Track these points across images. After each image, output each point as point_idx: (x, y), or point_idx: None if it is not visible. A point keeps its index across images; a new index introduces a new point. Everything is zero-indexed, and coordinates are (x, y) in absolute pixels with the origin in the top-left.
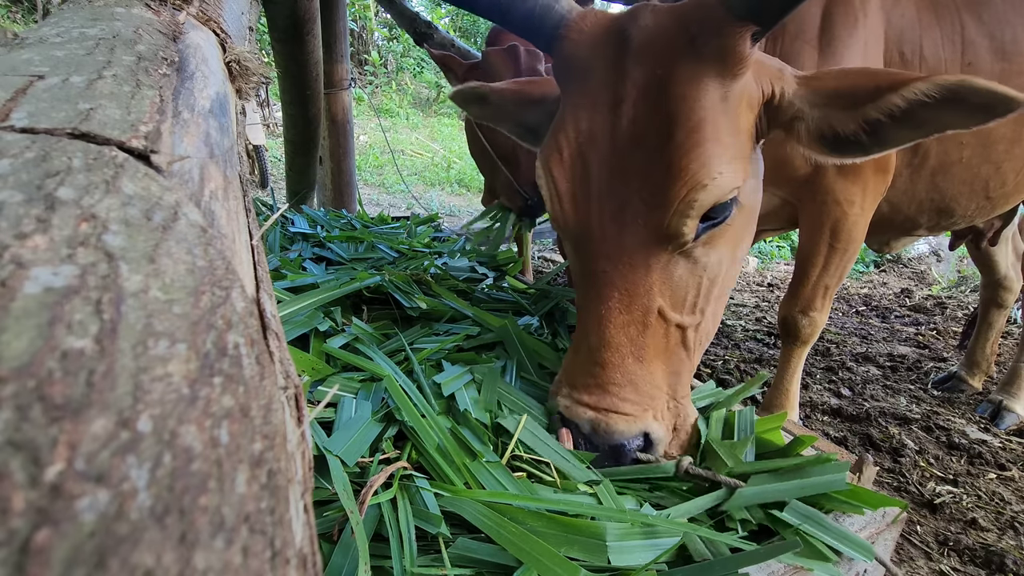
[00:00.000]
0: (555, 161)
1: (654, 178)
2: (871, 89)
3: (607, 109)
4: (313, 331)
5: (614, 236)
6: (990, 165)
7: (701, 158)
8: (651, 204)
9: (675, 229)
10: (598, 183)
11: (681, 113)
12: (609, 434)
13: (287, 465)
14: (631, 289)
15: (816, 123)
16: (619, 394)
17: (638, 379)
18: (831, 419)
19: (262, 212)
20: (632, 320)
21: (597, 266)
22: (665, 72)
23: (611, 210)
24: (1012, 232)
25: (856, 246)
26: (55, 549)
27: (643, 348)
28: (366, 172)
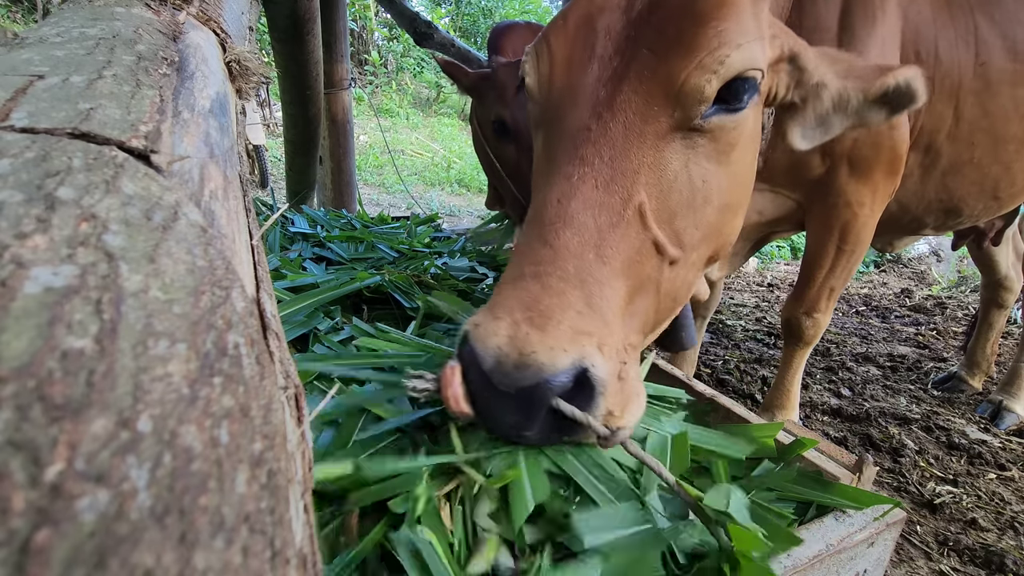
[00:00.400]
0: (555, 28)
1: (673, 31)
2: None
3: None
4: (313, 331)
5: (610, 93)
6: (1000, 165)
7: (736, 15)
8: (666, 54)
9: (694, 85)
10: (604, 46)
11: None
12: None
13: (287, 465)
14: (615, 160)
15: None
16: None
17: (593, 284)
18: (831, 419)
19: (262, 212)
20: (606, 202)
21: (580, 122)
22: None
23: (613, 68)
24: (1013, 232)
25: (863, 248)
26: (55, 549)
27: (609, 245)
28: (366, 172)
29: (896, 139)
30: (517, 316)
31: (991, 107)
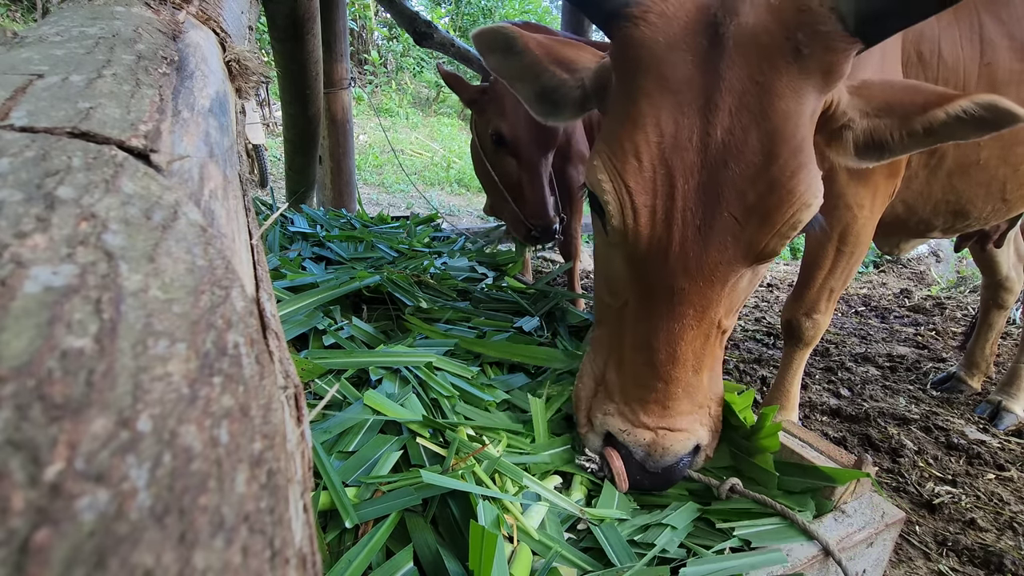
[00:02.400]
0: (631, 170)
1: (752, 196)
2: (920, 104)
3: (696, 113)
4: (312, 330)
5: (697, 254)
6: (1008, 167)
7: (807, 180)
8: (747, 223)
9: (772, 249)
10: (684, 197)
11: (786, 130)
12: (665, 455)
13: (287, 465)
14: (705, 305)
15: (864, 132)
16: (677, 408)
17: (694, 391)
18: (830, 419)
19: (262, 211)
20: (699, 335)
21: (674, 283)
22: (767, 81)
23: (696, 227)
24: (1015, 234)
25: (863, 250)
26: (55, 549)
27: (702, 359)
28: (366, 172)
29: None
30: (654, 428)
31: None
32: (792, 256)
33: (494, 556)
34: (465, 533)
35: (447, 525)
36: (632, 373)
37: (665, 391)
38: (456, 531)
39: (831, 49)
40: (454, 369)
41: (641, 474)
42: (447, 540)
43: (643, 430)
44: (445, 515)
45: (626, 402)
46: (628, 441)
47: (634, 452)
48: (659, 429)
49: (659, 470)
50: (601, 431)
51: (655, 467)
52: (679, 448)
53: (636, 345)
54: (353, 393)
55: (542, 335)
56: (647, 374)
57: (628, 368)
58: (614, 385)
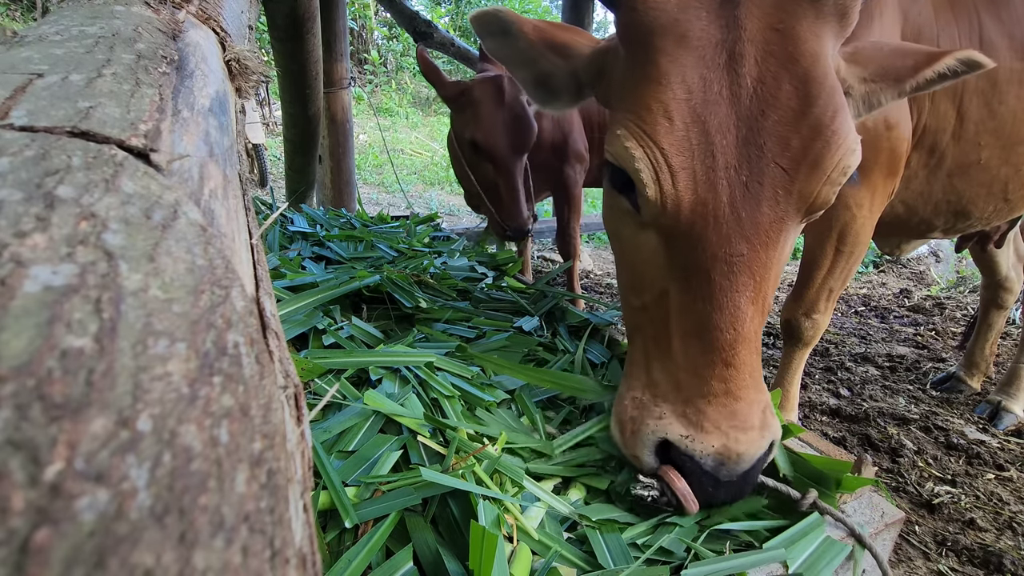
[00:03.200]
0: (664, 130)
1: (797, 143)
2: (911, 66)
3: (722, 67)
4: (312, 330)
5: (751, 213)
6: (1010, 167)
7: (847, 122)
8: (797, 172)
9: (825, 198)
10: (724, 153)
11: (817, 72)
12: (740, 461)
13: (287, 464)
14: (764, 274)
15: (863, 97)
16: (747, 399)
17: (757, 375)
18: (830, 419)
19: (261, 211)
20: (759, 308)
21: (732, 249)
22: (788, 27)
23: (744, 183)
24: (1014, 234)
25: (862, 250)
26: (54, 549)
27: (759, 337)
28: (365, 171)
29: (894, 140)
30: (725, 427)
31: (998, 108)
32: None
33: (494, 556)
34: (465, 533)
35: (447, 525)
36: (688, 367)
37: (735, 379)
38: (456, 531)
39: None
40: (454, 369)
41: (713, 486)
42: (447, 540)
43: (711, 434)
44: (445, 515)
45: (685, 400)
46: (694, 450)
47: (703, 463)
48: (730, 430)
49: (734, 478)
50: (653, 441)
51: (729, 476)
52: (755, 450)
53: (690, 332)
54: (353, 393)
55: (542, 335)
56: (708, 362)
57: (682, 364)
58: (665, 384)
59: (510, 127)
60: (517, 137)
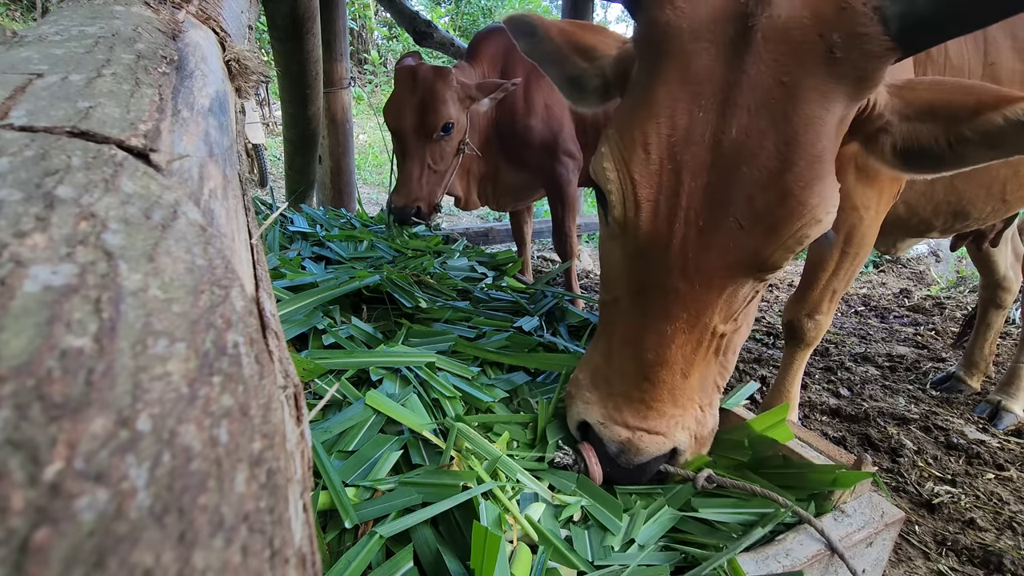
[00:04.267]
0: (638, 161)
1: (761, 203)
2: (971, 106)
3: (714, 110)
4: (312, 330)
5: (696, 255)
6: (1008, 168)
7: (822, 193)
8: (752, 231)
9: (776, 261)
10: (689, 196)
11: (807, 138)
12: (639, 455)
13: (286, 464)
14: (700, 310)
15: (904, 137)
16: (659, 410)
17: (679, 394)
18: (830, 419)
19: (261, 211)
20: (690, 339)
21: (669, 282)
22: (793, 82)
23: (699, 227)
24: (1012, 233)
25: (867, 251)
26: (54, 548)
27: (691, 364)
28: (365, 171)
29: None
30: (632, 426)
31: None
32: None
33: (496, 557)
34: (465, 532)
35: (447, 525)
36: (618, 369)
37: (650, 392)
38: (457, 530)
39: (867, 54)
40: (455, 369)
41: (612, 468)
42: (447, 539)
43: (621, 428)
44: (445, 514)
45: (609, 396)
46: (604, 435)
47: (608, 446)
48: (637, 430)
49: (630, 467)
50: (576, 420)
51: (627, 463)
52: (653, 449)
53: (625, 341)
54: (353, 393)
55: (542, 335)
56: (633, 372)
57: (615, 363)
58: (602, 375)
59: (415, 110)
60: (420, 120)
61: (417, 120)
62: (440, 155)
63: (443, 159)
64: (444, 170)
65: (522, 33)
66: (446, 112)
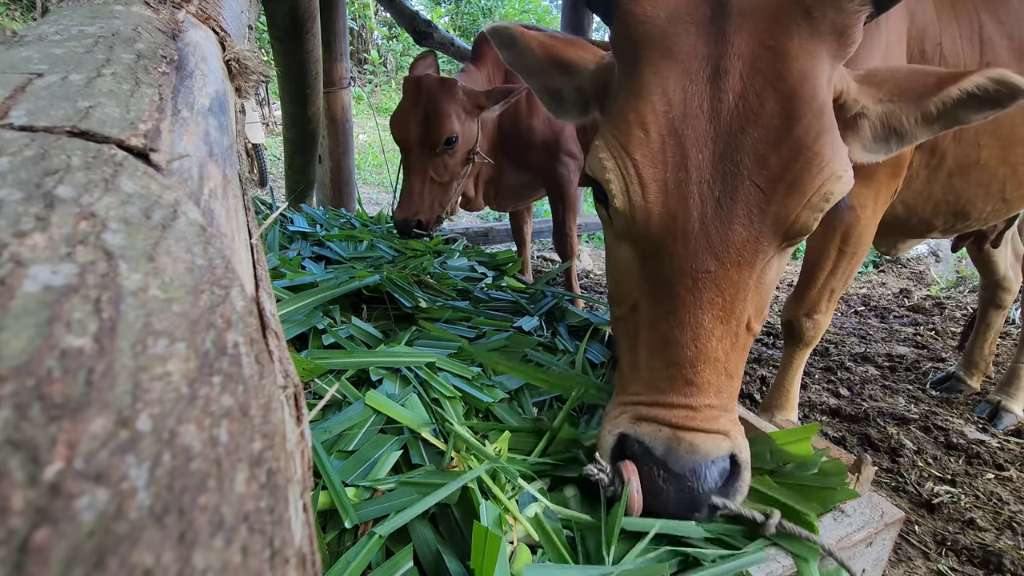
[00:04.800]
0: (637, 141)
1: (776, 162)
2: (933, 83)
3: (705, 81)
4: (312, 330)
5: (721, 230)
6: (1007, 167)
7: (833, 145)
8: (774, 193)
9: (804, 223)
10: (699, 168)
11: (805, 91)
12: (693, 452)
13: (286, 464)
14: (734, 293)
15: (880, 119)
16: (708, 414)
17: (727, 398)
18: (830, 419)
19: (261, 211)
20: (729, 331)
21: (698, 265)
22: (778, 44)
23: (716, 199)
24: (1012, 234)
25: (865, 250)
26: (54, 548)
27: (733, 362)
28: (365, 171)
29: None
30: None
31: None
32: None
33: (497, 557)
34: (465, 532)
35: (447, 524)
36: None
37: (696, 396)
38: (456, 530)
39: (841, 10)
40: (455, 369)
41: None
42: (447, 539)
43: (664, 428)
44: (445, 514)
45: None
46: (644, 434)
47: (652, 447)
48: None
49: (685, 472)
50: (612, 439)
51: (680, 467)
52: (710, 447)
53: (654, 349)
54: (353, 393)
55: (542, 335)
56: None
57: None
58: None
59: (419, 123)
60: (423, 133)
61: (421, 133)
62: (444, 168)
63: (447, 172)
64: (449, 182)
65: (504, 44)
66: (449, 126)
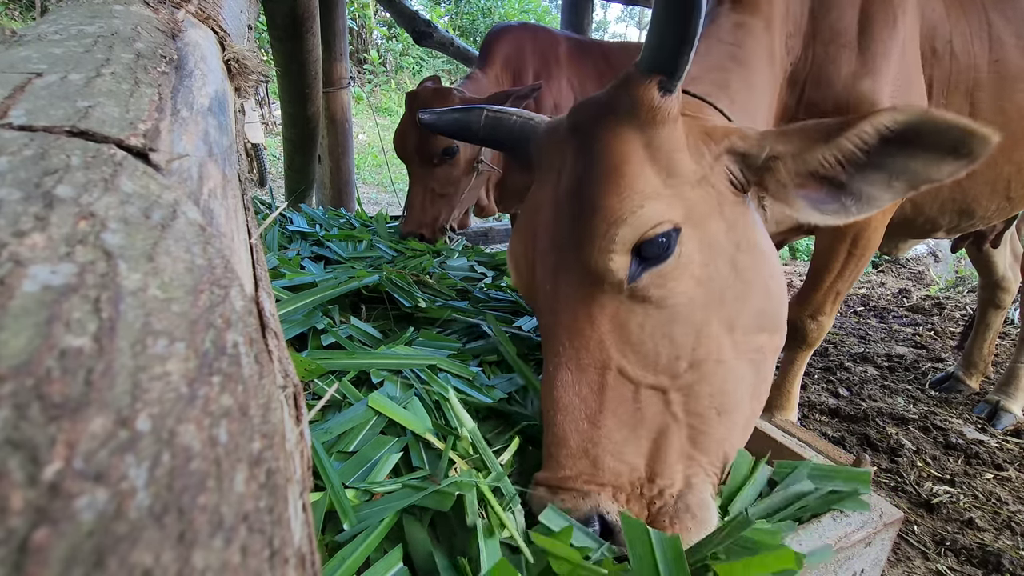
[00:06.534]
0: (516, 231)
1: (583, 224)
2: (838, 123)
3: (552, 179)
4: (311, 330)
5: (554, 285)
6: (1012, 165)
7: (619, 193)
8: (579, 248)
9: (601, 266)
10: (542, 242)
11: (602, 159)
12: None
13: (286, 464)
14: (578, 342)
15: (795, 161)
16: (570, 465)
17: (597, 448)
18: (829, 419)
19: (261, 211)
20: (583, 379)
21: (543, 320)
22: (591, 132)
23: (552, 262)
24: (1011, 234)
25: (872, 252)
26: (54, 548)
27: (600, 412)
28: (365, 171)
29: None
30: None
31: (1005, 105)
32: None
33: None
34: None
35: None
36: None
37: (555, 444)
38: (453, 533)
39: (629, 87)
40: (455, 370)
41: None
42: (442, 543)
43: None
44: (444, 516)
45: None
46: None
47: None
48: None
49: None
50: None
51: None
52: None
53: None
54: (354, 393)
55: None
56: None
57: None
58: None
59: (416, 137)
60: (420, 147)
61: (417, 145)
62: (445, 179)
63: (449, 183)
64: (452, 194)
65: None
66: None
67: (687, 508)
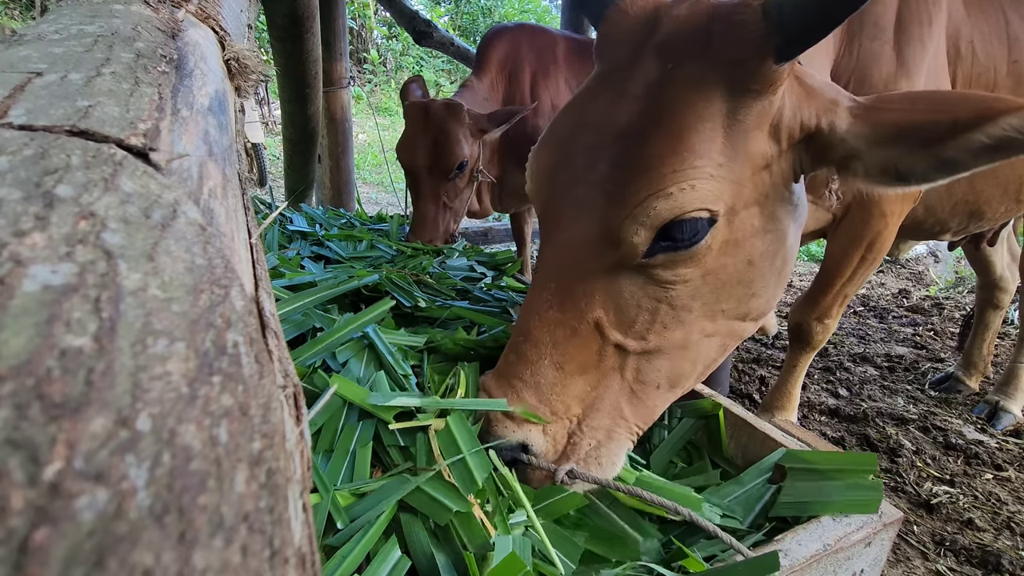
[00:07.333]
0: (548, 140)
1: (622, 174)
2: (948, 125)
3: (613, 97)
4: (311, 330)
5: (568, 225)
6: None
7: (672, 164)
8: (609, 200)
9: (624, 234)
10: (575, 168)
11: (672, 115)
12: (487, 435)
13: (286, 464)
14: (570, 287)
15: (878, 162)
16: (517, 393)
17: (544, 386)
18: (829, 419)
19: (261, 210)
20: (563, 320)
21: (545, 252)
22: (675, 69)
23: (576, 197)
24: (1007, 234)
25: (883, 255)
26: (54, 548)
27: (565, 356)
28: (365, 171)
29: None
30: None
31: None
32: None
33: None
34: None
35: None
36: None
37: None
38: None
39: (744, 44)
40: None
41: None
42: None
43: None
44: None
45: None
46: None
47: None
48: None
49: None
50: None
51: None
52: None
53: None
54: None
55: None
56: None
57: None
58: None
59: (428, 150)
60: (433, 160)
61: (431, 160)
62: (455, 192)
63: (458, 196)
64: (459, 203)
65: None
66: (460, 152)
67: (597, 458)
